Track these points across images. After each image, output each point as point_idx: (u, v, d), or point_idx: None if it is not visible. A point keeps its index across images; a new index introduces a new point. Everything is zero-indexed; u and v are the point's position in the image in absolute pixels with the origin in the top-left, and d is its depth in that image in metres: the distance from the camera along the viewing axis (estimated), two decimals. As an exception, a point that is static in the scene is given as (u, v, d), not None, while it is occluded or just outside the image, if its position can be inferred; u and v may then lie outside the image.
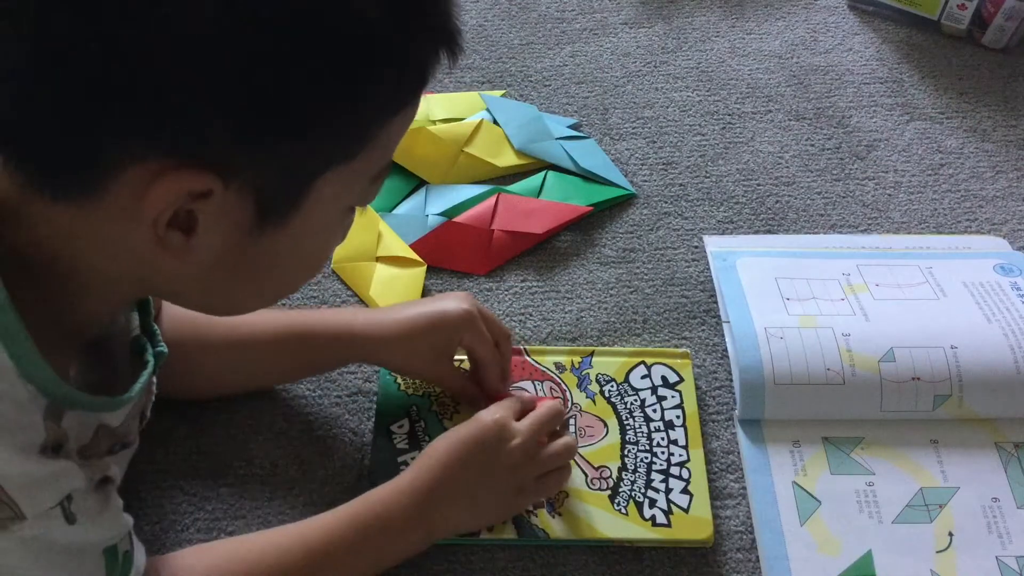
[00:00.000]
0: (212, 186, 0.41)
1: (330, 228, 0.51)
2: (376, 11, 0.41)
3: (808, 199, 0.89)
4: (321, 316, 0.70)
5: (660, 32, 1.08)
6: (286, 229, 0.46)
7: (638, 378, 0.73)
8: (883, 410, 0.70)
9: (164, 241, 0.43)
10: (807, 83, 1.02)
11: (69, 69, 0.38)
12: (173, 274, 0.46)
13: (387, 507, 0.59)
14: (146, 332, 0.56)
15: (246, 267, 0.47)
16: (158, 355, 0.55)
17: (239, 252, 0.46)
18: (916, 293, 0.76)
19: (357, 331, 0.68)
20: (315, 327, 0.68)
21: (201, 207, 0.42)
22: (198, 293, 0.50)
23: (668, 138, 0.95)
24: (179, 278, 0.47)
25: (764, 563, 0.63)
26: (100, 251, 0.45)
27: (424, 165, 0.89)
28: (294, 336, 0.68)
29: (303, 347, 0.68)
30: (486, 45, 1.06)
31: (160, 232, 0.42)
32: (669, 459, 0.68)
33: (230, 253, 0.45)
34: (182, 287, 0.49)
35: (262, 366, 0.69)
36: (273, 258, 0.47)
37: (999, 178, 0.91)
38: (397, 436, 0.69)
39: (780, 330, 0.72)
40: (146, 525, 0.64)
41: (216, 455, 0.68)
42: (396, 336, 0.67)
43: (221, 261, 0.45)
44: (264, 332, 0.68)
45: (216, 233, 0.44)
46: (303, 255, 0.50)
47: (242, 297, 0.52)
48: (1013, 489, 0.67)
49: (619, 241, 0.85)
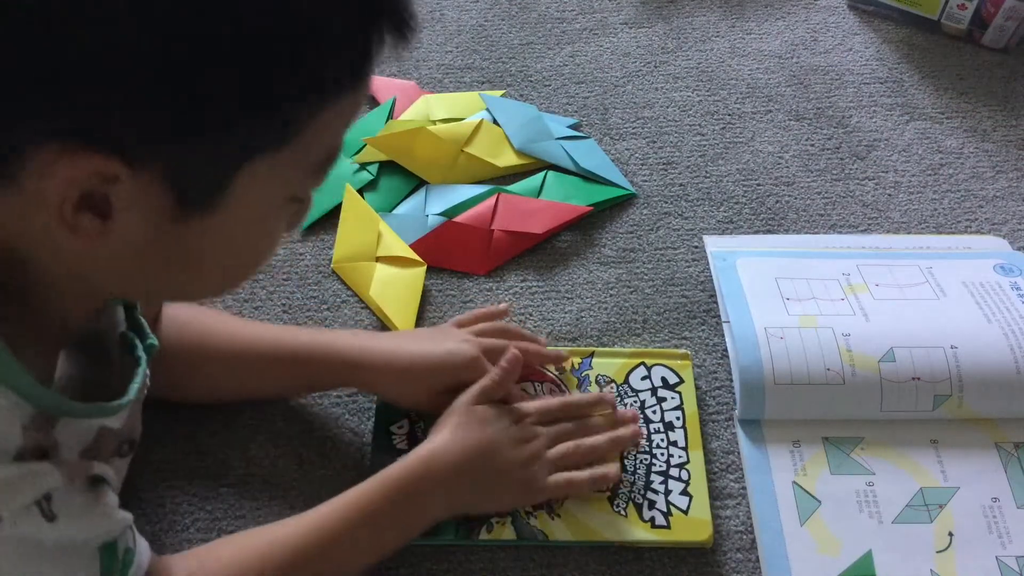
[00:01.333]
0: (117, 172, 0.39)
1: (267, 218, 0.47)
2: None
3: (808, 199, 0.89)
4: (322, 338, 0.68)
5: (660, 32, 1.08)
6: (214, 217, 0.43)
7: (638, 379, 0.73)
8: (883, 410, 0.70)
9: (75, 225, 0.40)
10: (807, 83, 1.02)
11: None
12: (103, 262, 0.44)
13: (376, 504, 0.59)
14: (133, 326, 0.55)
15: (178, 254, 0.45)
16: (148, 348, 0.54)
17: (167, 238, 0.43)
18: (916, 293, 0.76)
19: (356, 360, 0.67)
20: (315, 350, 0.67)
21: (112, 190, 0.40)
22: (143, 281, 0.47)
23: (668, 138, 0.95)
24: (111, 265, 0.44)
25: (764, 563, 0.63)
26: (37, 244, 0.43)
27: (424, 165, 0.89)
28: (292, 356, 0.67)
29: (300, 368, 0.67)
30: (486, 45, 1.06)
31: (67, 217, 0.40)
32: (668, 460, 0.68)
33: (157, 238, 0.43)
34: (121, 276, 0.46)
35: (259, 380, 0.69)
36: (207, 246, 0.45)
37: (999, 178, 0.91)
38: (397, 436, 0.69)
39: (780, 330, 0.72)
40: (146, 525, 0.64)
41: (216, 455, 0.68)
42: (396, 372, 0.67)
43: (151, 246, 0.43)
44: (263, 347, 0.67)
45: (134, 217, 0.41)
46: (240, 244, 0.47)
47: (184, 285, 0.49)
48: (1013, 489, 0.67)
49: (619, 241, 0.85)
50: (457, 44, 1.06)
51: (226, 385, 0.69)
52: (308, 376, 0.68)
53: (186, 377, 0.65)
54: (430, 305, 0.79)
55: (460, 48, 1.05)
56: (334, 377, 0.69)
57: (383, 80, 0.99)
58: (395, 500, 0.60)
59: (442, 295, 0.80)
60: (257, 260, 0.50)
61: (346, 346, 0.67)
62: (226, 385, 0.69)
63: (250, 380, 0.69)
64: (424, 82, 1.01)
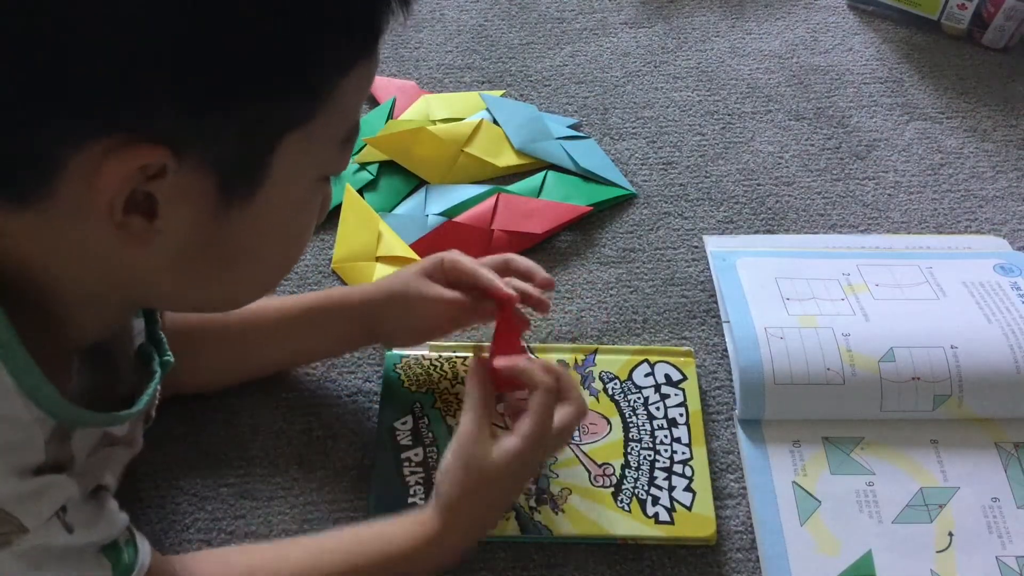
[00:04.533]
0: (165, 160, 0.39)
1: (303, 201, 0.48)
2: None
3: (808, 199, 0.89)
4: (321, 293, 0.70)
5: (660, 32, 1.08)
6: (254, 206, 0.44)
7: (641, 376, 0.73)
8: (883, 410, 0.70)
9: (125, 228, 0.40)
10: (807, 83, 1.02)
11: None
12: (145, 268, 0.44)
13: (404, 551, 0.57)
14: (152, 340, 0.55)
15: (221, 254, 0.45)
16: (164, 364, 0.55)
17: (211, 236, 0.44)
18: (916, 293, 0.76)
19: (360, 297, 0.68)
20: (318, 301, 0.68)
21: (158, 187, 0.40)
22: (181, 287, 0.47)
23: (668, 138, 0.95)
24: (153, 272, 0.45)
25: (764, 563, 0.63)
26: (69, 257, 0.43)
27: (424, 165, 0.89)
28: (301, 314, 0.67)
29: (306, 326, 0.68)
30: (486, 45, 1.06)
31: (117, 218, 0.40)
32: (672, 457, 0.68)
33: (201, 238, 0.43)
34: (161, 283, 0.46)
35: (266, 348, 0.68)
36: (247, 241, 0.46)
37: (999, 178, 0.92)
38: (400, 432, 0.69)
39: (780, 330, 0.72)
40: (146, 525, 0.64)
41: (216, 455, 0.68)
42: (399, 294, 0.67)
43: (193, 248, 0.44)
44: (270, 313, 0.67)
45: (180, 214, 0.42)
46: (280, 232, 0.48)
47: (228, 288, 0.50)
48: (1013, 489, 0.67)
49: (619, 241, 0.85)
50: (457, 44, 1.06)
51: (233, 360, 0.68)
52: (316, 333, 0.68)
53: (190, 360, 0.65)
54: (430, 305, 0.79)
55: (460, 48, 1.05)
56: (344, 325, 0.68)
57: (383, 80, 0.99)
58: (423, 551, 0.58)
59: (442, 295, 0.80)
60: (297, 248, 0.51)
61: (347, 291, 0.69)
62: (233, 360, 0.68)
63: (257, 350, 0.68)
64: (424, 82, 1.01)
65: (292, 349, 0.70)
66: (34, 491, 0.43)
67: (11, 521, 0.42)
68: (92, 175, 0.38)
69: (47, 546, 0.44)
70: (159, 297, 0.51)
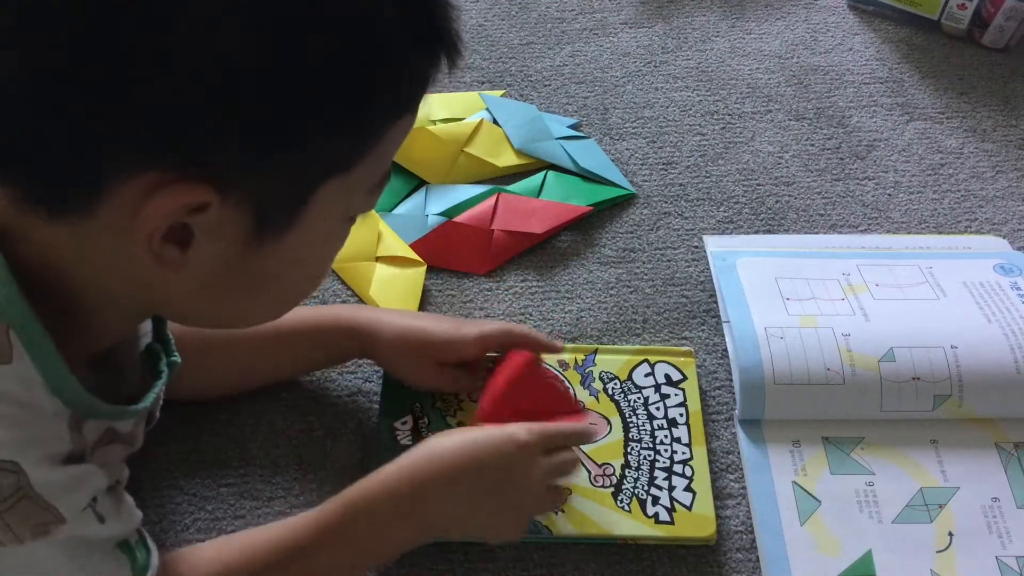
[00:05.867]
0: (209, 199, 0.40)
1: (330, 238, 0.50)
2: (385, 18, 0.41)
3: (808, 199, 0.89)
4: (328, 311, 0.70)
5: (660, 32, 1.08)
6: (286, 241, 0.45)
7: (642, 376, 0.73)
8: (883, 410, 0.70)
9: (160, 256, 0.42)
10: (807, 83, 1.02)
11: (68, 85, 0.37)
12: (172, 288, 0.45)
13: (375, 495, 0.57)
14: (160, 340, 0.56)
15: (247, 279, 0.47)
16: (171, 364, 0.55)
17: (239, 264, 0.45)
18: (916, 293, 0.76)
19: (365, 327, 0.68)
20: (322, 320, 0.68)
21: (196, 220, 0.41)
22: (203, 306, 0.49)
23: (668, 138, 0.95)
24: (180, 292, 0.46)
25: (764, 563, 0.63)
26: (99, 268, 0.44)
27: (424, 165, 0.89)
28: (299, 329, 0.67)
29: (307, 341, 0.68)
30: (486, 45, 1.06)
31: (155, 247, 0.42)
32: (672, 457, 0.68)
33: (229, 265, 0.45)
34: (185, 302, 0.48)
35: (266, 359, 0.69)
36: (274, 270, 0.47)
37: (999, 178, 0.92)
38: (401, 432, 0.69)
39: (780, 330, 0.72)
40: (146, 525, 0.63)
41: (216, 455, 0.68)
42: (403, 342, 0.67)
43: (221, 274, 0.45)
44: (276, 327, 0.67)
45: (212, 246, 0.43)
46: (304, 266, 0.50)
47: (249, 309, 0.51)
48: (1013, 489, 0.67)
49: (619, 241, 0.85)
50: (457, 44, 1.06)
51: (235, 372, 0.69)
52: (315, 350, 0.69)
53: (193, 368, 0.65)
54: (430, 305, 0.79)
55: (460, 48, 1.05)
56: (343, 347, 0.69)
57: (383, 80, 0.99)
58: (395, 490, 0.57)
59: (442, 295, 0.80)
60: (317, 280, 0.53)
61: (355, 315, 0.69)
62: (235, 372, 0.69)
63: (256, 361, 0.68)
64: (424, 82, 1.01)
65: (294, 364, 0.71)
66: (70, 480, 0.44)
67: (50, 511, 0.43)
68: (138, 204, 0.40)
69: (82, 536, 0.45)
70: (180, 312, 0.52)
